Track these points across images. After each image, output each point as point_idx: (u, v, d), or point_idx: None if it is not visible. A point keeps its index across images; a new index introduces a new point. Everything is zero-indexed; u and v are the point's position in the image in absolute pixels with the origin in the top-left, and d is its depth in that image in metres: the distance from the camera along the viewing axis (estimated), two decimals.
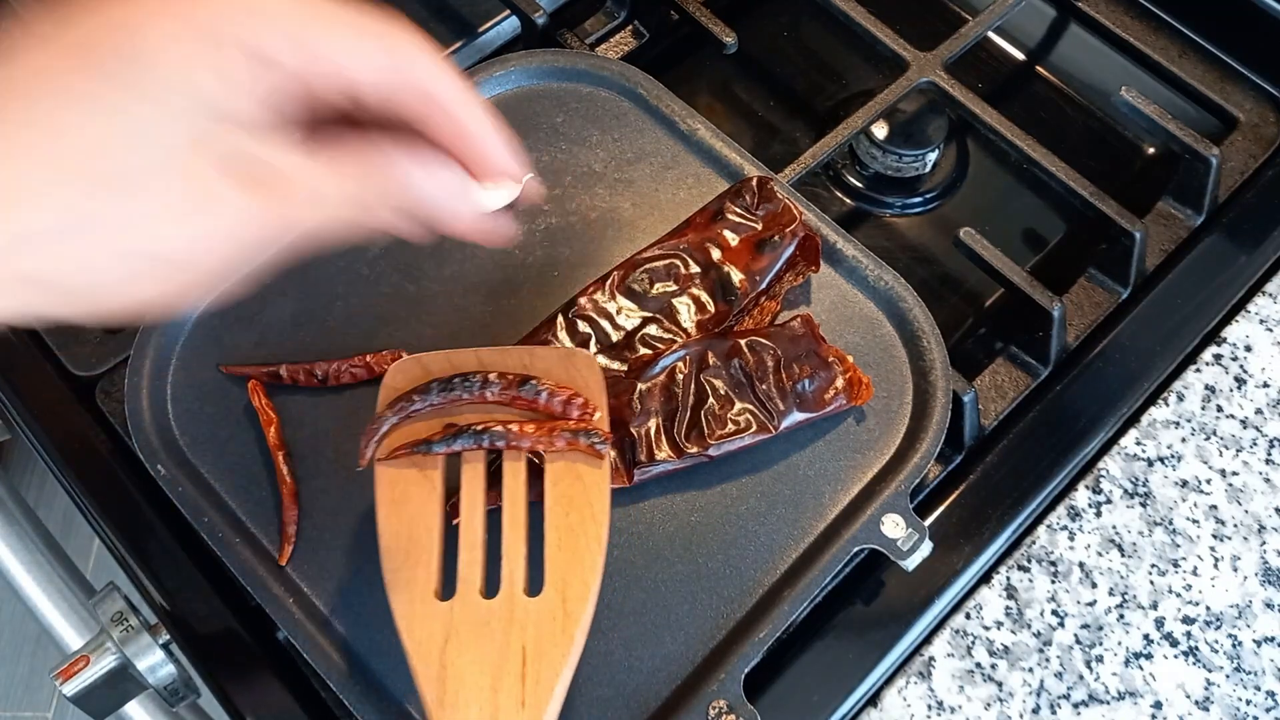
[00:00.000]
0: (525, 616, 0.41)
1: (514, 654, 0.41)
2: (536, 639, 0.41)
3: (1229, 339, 0.58)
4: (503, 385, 0.46)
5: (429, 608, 0.42)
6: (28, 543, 0.59)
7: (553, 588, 0.42)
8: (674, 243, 0.54)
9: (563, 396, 0.46)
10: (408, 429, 0.46)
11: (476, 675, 0.40)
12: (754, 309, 0.53)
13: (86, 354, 0.57)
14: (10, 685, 1.38)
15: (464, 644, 0.41)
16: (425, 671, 0.40)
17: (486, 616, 0.41)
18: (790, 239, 0.53)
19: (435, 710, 0.40)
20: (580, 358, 0.47)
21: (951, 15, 0.72)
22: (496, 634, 0.41)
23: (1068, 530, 0.53)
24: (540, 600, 0.42)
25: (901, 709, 0.49)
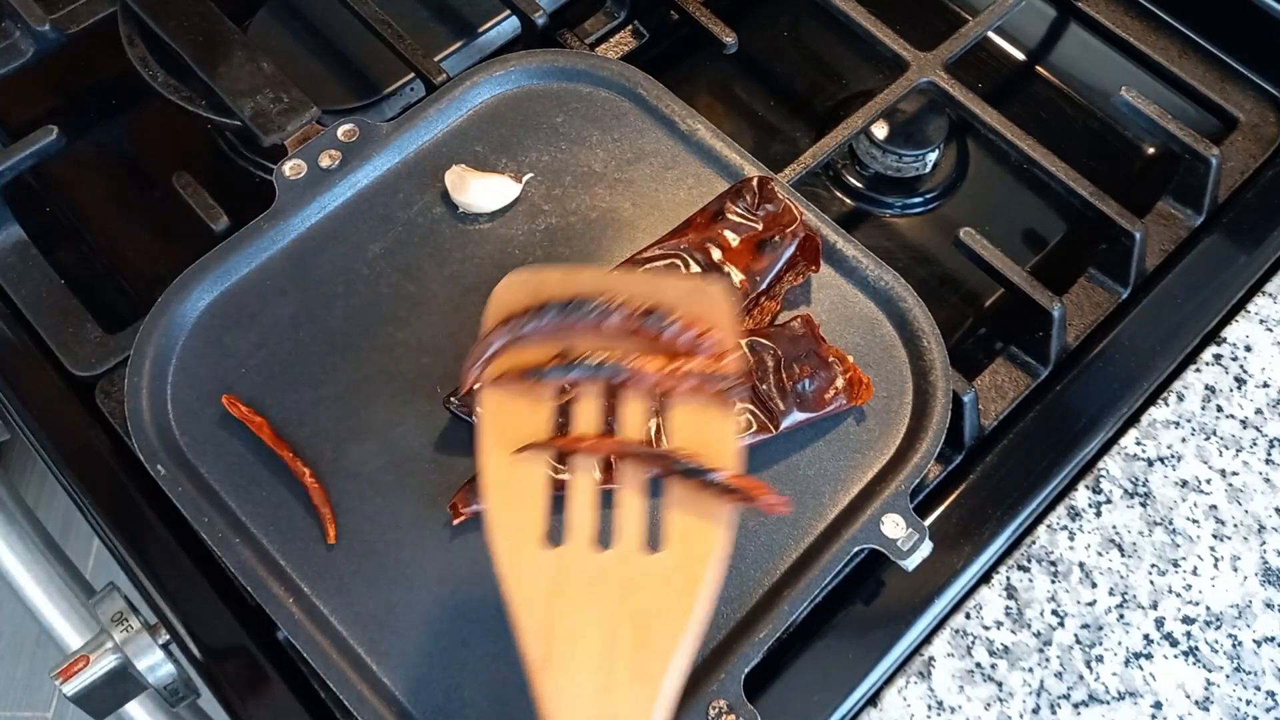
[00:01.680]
0: (643, 576, 0.37)
1: (629, 617, 0.36)
2: (655, 602, 0.36)
3: (1229, 339, 0.58)
4: (627, 313, 0.40)
5: (536, 554, 0.37)
6: (28, 543, 0.59)
7: (674, 546, 0.37)
8: (674, 243, 0.54)
9: (694, 332, 0.40)
10: (516, 354, 0.41)
11: (587, 638, 0.36)
12: (754, 309, 0.53)
13: (86, 354, 0.57)
14: (10, 685, 1.38)
15: (573, 600, 0.36)
16: (529, 626, 0.36)
17: (599, 572, 0.37)
18: (790, 239, 0.53)
19: (539, 671, 0.35)
20: (711, 291, 0.42)
21: (951, 15, 0.72)
22: (610, 593, 0.36)
23: (1068, 530, 0.53)
24: (660, 559, 0.37)
25: (901, 709, 0.49)
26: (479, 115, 0.60)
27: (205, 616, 0.51)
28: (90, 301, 0.59)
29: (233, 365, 0.53)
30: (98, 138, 0.68)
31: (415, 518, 0.49)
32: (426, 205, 0.57)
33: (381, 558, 0.49)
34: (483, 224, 0.57)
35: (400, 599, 0.48)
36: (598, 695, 0.35)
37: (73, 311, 0.58)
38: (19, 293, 0.59)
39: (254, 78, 0.59)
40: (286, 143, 0.58)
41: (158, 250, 0.63)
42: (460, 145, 0.59)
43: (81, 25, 0.66)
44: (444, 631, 0.47)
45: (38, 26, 0.65)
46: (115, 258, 0.63)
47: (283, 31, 0.68)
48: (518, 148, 0.59)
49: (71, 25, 0.66)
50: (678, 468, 0.38)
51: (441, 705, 0.46)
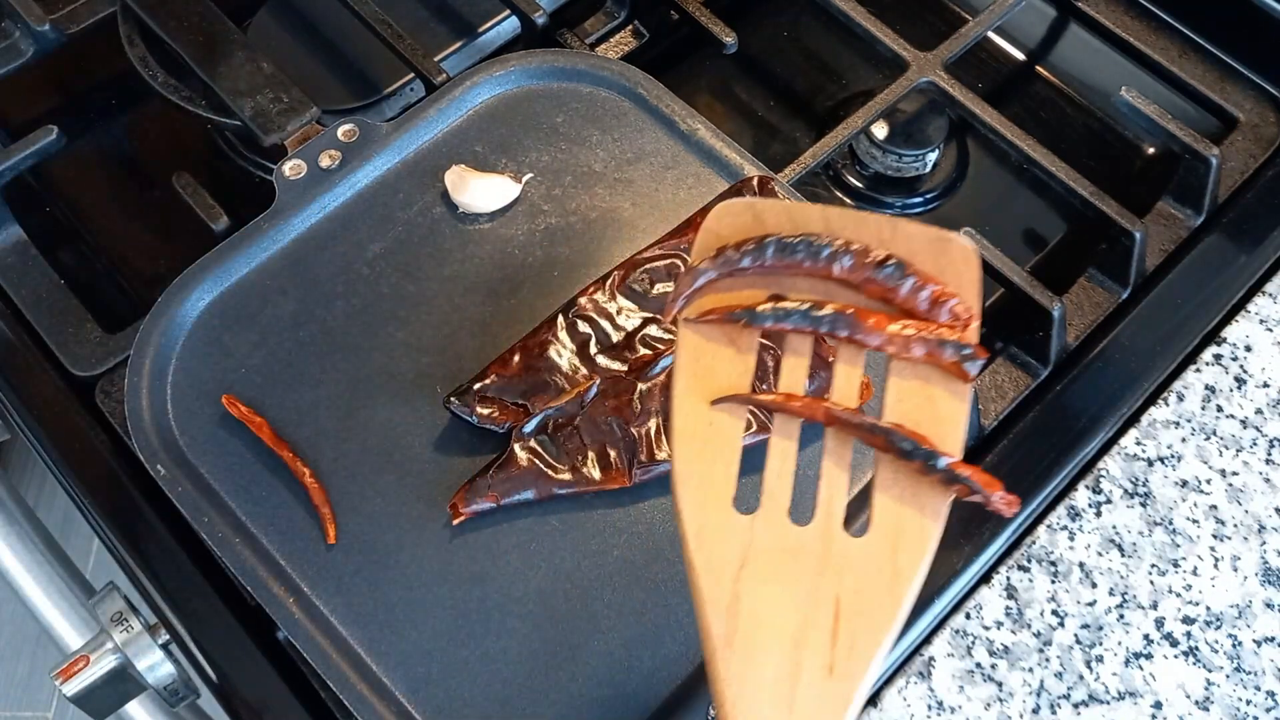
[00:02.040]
0: (844, 559, 0.33)
1: (825, 603, 0.32)
2: (856, 591, 0.33)
3: (1229, 339, 0.58)
4: (859, 261, 0.35)
5: (727, 517, 0.34)
6: (28, 543, 0.59)
7: (882, 532, 0.34)
8: (675, 242, 0.54)
9: (932, 291, 0.35)
10: (725, 291, 0.36)
11: (777, 618, 0.32)
12: None
13: (86, 354, 0.57)
14: (10, 685, 1.38)
15: (764, 574, 0.33)
16: (714, 597, 0.33)
17: (795, 547, 0.33)
18: None
19: (721, 649, 0.32)
20: (957, 246, 0.36)
21: (951, 15, 0.72)
22: (806, 572, 0.33)
23: (1068, 530, 0.53)
24: (865, 543, 0.33)
25: (901, 709, 0.49)
26: (479, 115, 0.60)
27: (205, 616, 0.51)
28: (90, 301, 0.59)
29: (233, 365, 0.53)
30: (98, 138, 0.68)
31: (415, 518, 0.49)
32: (426, 205, 0.57)
33: (381, 558, 0.49)
34: (483, 224, 0.57)
35: (400, 599, 0.48)
36: (783, 684, 0.32)
37: (73, 311, 0.58)
38: (19, 293, 0.59)
39: (254, 78, 0.59)
40: (286, 143, 0.58)
41: (158, 250, 0.63)
42: (460, 145, 0.59)
43: (81, 25, 0.66)
44: (444, 631, 0.47)
45: (38, 26, 0.65)
46: (115, 258, 0.63)
47: (283, 31, 0.68)
48: (518, 148, 0.59)
49: (71, 25, 0.66)
50: (899, 445, 0.34)
51: (442, 705, 0.46)
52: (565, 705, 0.46)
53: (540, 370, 0.51)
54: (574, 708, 0.46)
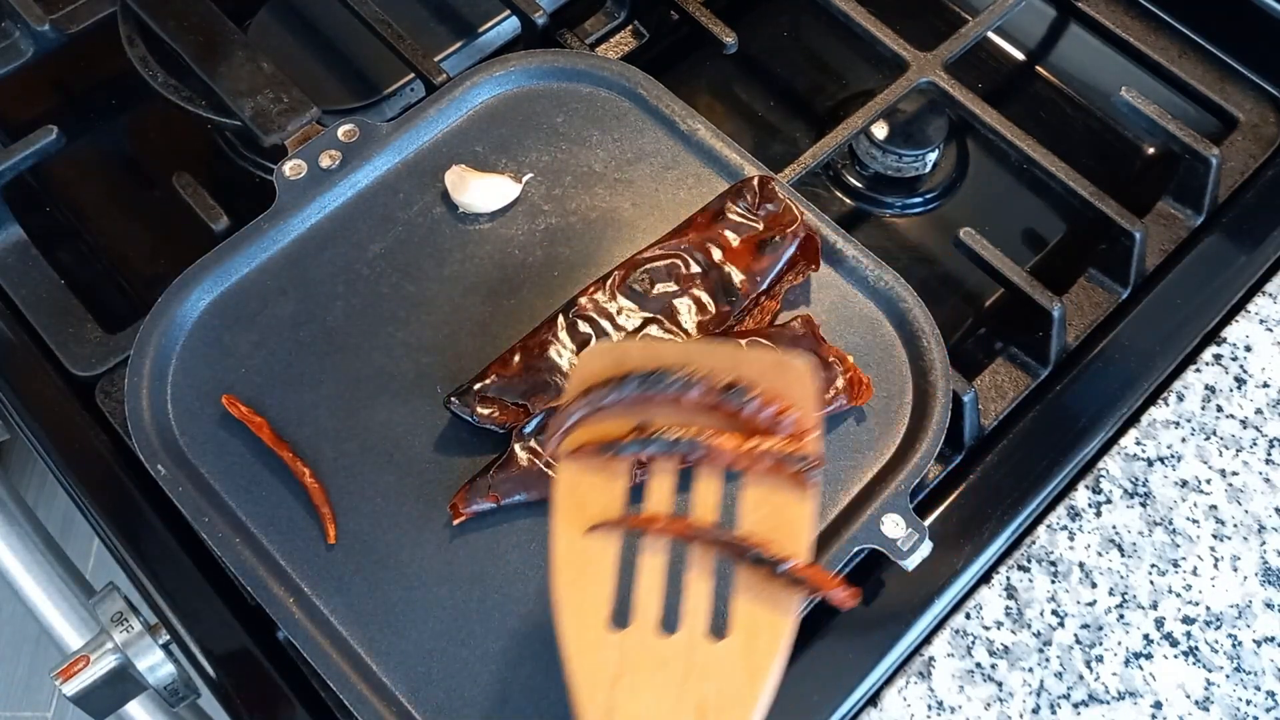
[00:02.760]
0: (706, 664, 0.37)
1: (690, 707, 0.36)
2: (718, 693, 0.36)
3: (1229, 339, 0.58)
4: (707, 387, 0.40)
5: (601, 635, 0.37)
6: (28, 543, 0.59)
7: (739, 634, 0.37)
8: (675, 243, 0.54)
9: (773, 410, 0.40)
10: (594, 425, 0.41)
11: None
12: (754, 309, 0.53)
13: (86, 354, 0.57)
14: (10, 685, 1.38)
15: (637, 685, 0.36)
16: (591, 709, 0.36)
17: (663, 657, 0.37)
18: (791, 239, 0.53)
19: None
20: (796, 367, 0.41)
21: (951, 15, 0.72)
22: (673, 680, 0.36)
23: (1068, 530, 0.53)
24: (724, 647, 0.37)
25: (901, 709, 0.49)
26: (479, 115, 0.60)
27: (205, 616, 0.51)
28: (90, 301, 0.59)
29: (233, 365, 0.53)
30: (98, 138, 0.68)
31: (415, 518, 0.49)
32: (426, 205, 0.57)
33: (381, 558, 0.49)
34: (483, 224, 0.57)
35: (400, 599, 0.48)
36: None
37: (73, 311, 0.58)
38: (19, 293, 0.59)
39: (254, 78, 0.59)
40: (287, 143, 0.58)
41: (158, 250, 0.63)
42: (460, 145, 0.59)
43: (81, 25, 0.66)
44: (444, 631, 0.47)
45: (38, 26, 0.65)
46: (115, 258, 0.63)
47: (283, 31, 0.68)
48: (518, 148, 0.59)
49: (71, 25, 0.66)
50: (748, 556, 0.38)
51: (442, 705, 0.46)
52: (565, 705, 0.45)
53: (540, 370, 0.50)
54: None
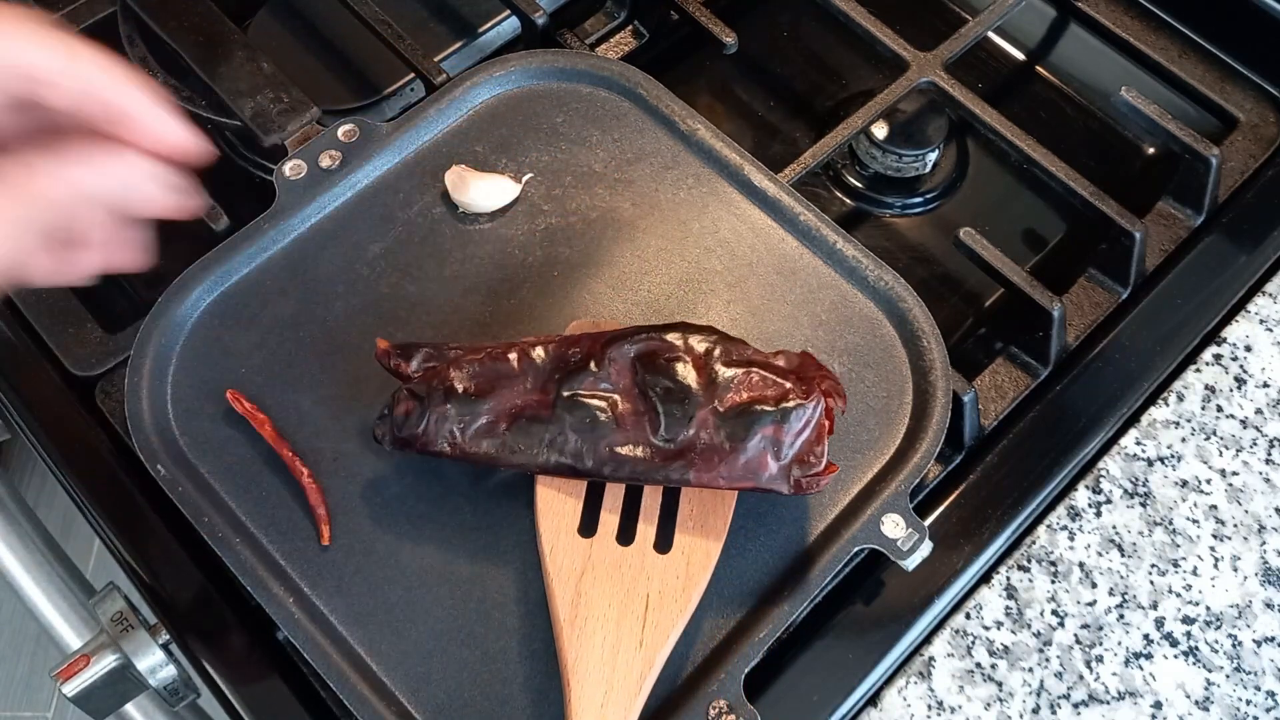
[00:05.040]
0: (653, 569, 0.46)
1: (638, 599, 0.46)
2: (660, 591, 0.46)
3: (1229, 339, 0.58)
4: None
5: (572, 540, 0.47)
6: (28, 543, 0.59)
7: (680, 551, 0.47)
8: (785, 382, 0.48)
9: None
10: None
11: (604, 608, 0.45)
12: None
13: (86, 354, 0.57)
14: (10, 685, 1.38)
15: (597, 579, 0.46)
16: (561, 594, 0.46)
17: (619, 560, 0.47)
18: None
19: (566, 627, 0.45)
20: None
21: (951, 15, 0.72)
22: (626, 578, 0.46)
23: (1068, 530, 0.53)
24: (668, 559, 0.47)
25: (901, 709, 0.49)
26: (479, 115, 0.60)
27: (205, 616, 0.51)
28: (90, 301, 0.59)
29: (233, 365, 0.53)
30: None
31: (415, 518, 0.49)
32: (426, 205, 0.57)
33: (381, 558, 0.49)
34: (483, 224, 0.57)
35: (400, 599, 0.48)
36: (608, 652, 0.45)
37: (73, 311, 0.58)
38: (19, 293, 0.59)
39: (254, 78, 0.59)
40: (287, 143, 0.58)
41: (158, 250, 0.63)
42: (460, 145, 0.59)
43: (81, 25, 0.66)
44: (444, 631, 0.47)
45: None
46: None
47: (283, 31, 0.68)
48: (518, 148, 0.59)
49: (71, 25, 0.66)
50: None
51: (442, 705, 0.46)
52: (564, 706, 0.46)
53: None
54: None
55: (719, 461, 0.46)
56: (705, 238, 0.57)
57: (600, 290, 0.55)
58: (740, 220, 0.57)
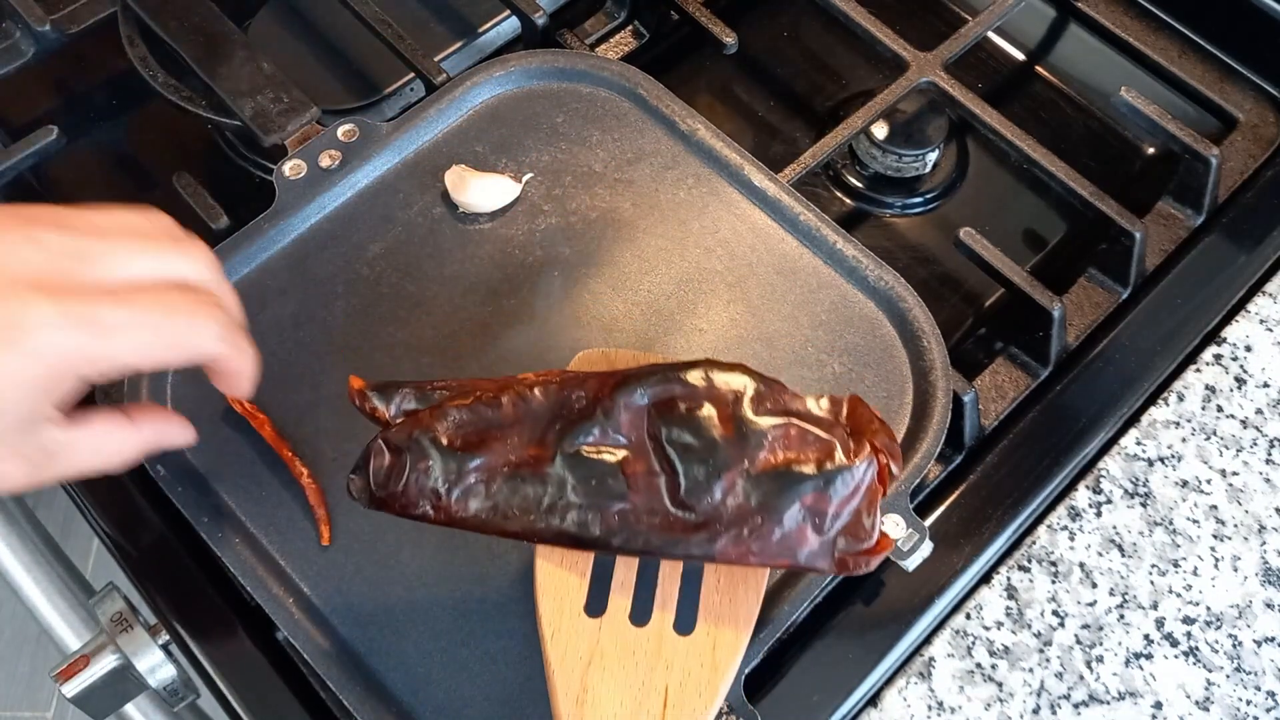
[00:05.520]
0: (672, 656, 0.39)
1: (656, 693, 0.39)
2: (681, 683, 0.39)
3: (1229, 339, 0.58)
4: None
5: (578, 622, 0.40)
6: (28, 543, 0.59)
7: (705, 631, 0.40)
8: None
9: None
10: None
11: (615, 706, 0.39)
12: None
13: None
14: (10, 685, 1.38)
15: (607, 669, 0.39)
16: (566, 689, 0.39)
17: (633, 645, 0.40)
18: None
19: None
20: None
21: (951, 15, 0.72)
22: (641, 667, 0.39)
23: (1068, 530, 0.53)
24: (690, 641, 0.40)
25: (901, 709, 0.49)
26: (479, 115, 0.60)
27: (205, 616, 0.51)
28: None
29: None
30: (98, 138, 0.68)
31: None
32: (426, 205, 0.57)
33: (382, 558, 0.49)
34: (483, 224, 0.57)
35: (400, 599, 0.48)
36: None
37: None
38: None
39: (254, 78, 0.59)
40: (287, 143, 0.58)
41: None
42: (460, 145, 0.59)
43: (82, 25, 0.66)
44: (444, 631, 0.47)
45: (38, 27, 0.65)
46: None
47: (283, 31, 0.68)
48: (518, 148, 0.59)
49: (72, 25, 0.66)
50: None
51: (442, 704, 0.46)
52: None
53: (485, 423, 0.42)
54: None
55: (749, 535, 0.39)
56: (705, 238, 0.57)
57: (600, 290, 0.55)
58: (740, 220, 0.57)
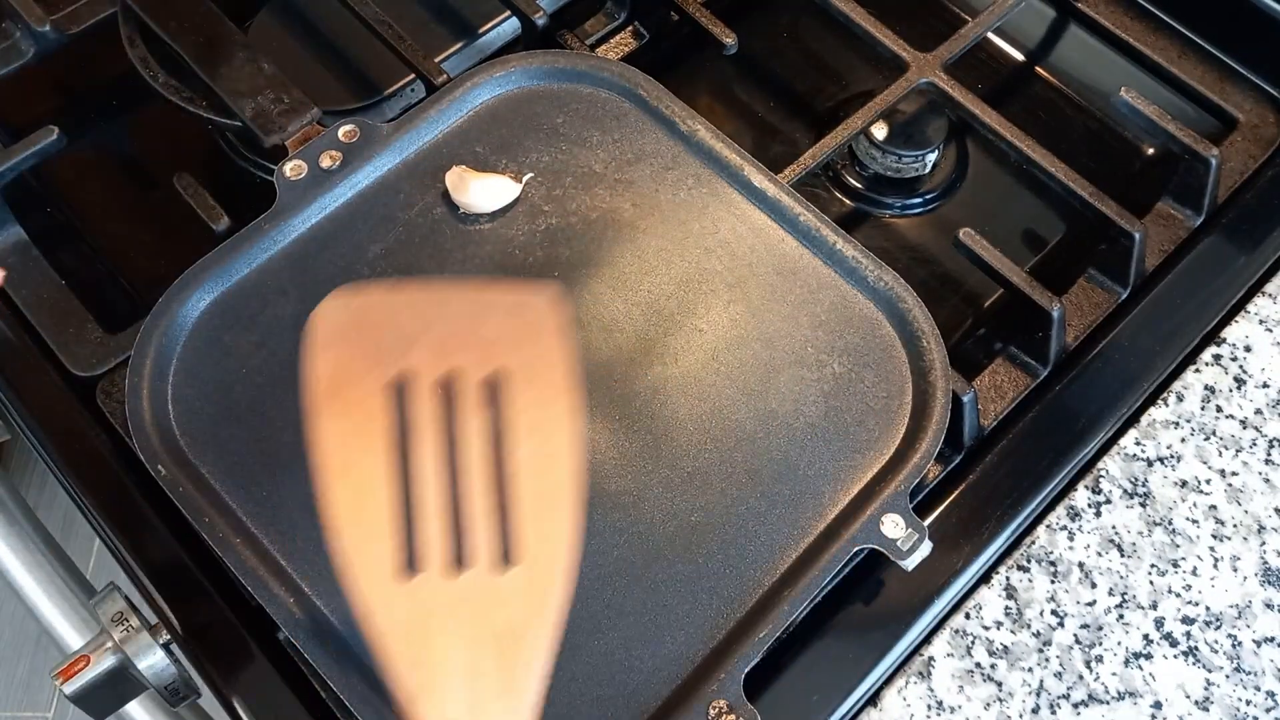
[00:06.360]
0: (500, 593, 0.38)
1: (490, 636, 0.37)
2: (514, 617, 0.37)
3: (1229, 339, 0.59)
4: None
5: (393, 590, 0.38)
6: (28, 543, 0.59)
7: (528, 561, 0.38)
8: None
9: None
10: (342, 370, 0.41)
11: (454, 660, 0.37)
12: None
13: (86, 354, 0.57)
14: (10, 685, 1.38)
15: (437, 627, 0.37)
16: (400, 657, 0.37)
17: (458, 595, 0.38)
18: None
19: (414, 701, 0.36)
20: (541, 301, 0.43)
21: (951, 15, 0.72)
22: (471, 614, 0.37)
23: (1067, 530, 0.53)
24: (514, 575, 0.38)
25: (901, 709, 0.49)
26: (479, 116, 0.60)
27: (205, 617, 0.51)
28: (91, 302, 0.59)
29: (233, 366, 0.53)
30: (98, 138, 0.68)
31: None
32: (427, 206, 0.57)
33: None
34: (483, 224, 0.57)
35: None
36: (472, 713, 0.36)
37: (73, 312, 0.58)
38: (19, 293, 0.59)
39: (254, 78, 0.59)
40: (287, 143, 0.58)
41: (158, 250, 0.64)
42: (460, 146, 0.59)
43: (82, 26, 0.66)
44: None
45: (38, 27, 0.65)
46: (116, 258, 0.63)
47: (283, 32, 0.68)
48: (518, 148, 0.59)
49: (72, 26, 0.66)
50: None
51: None
52: (565, 705, 0.46)
53: None
54: (574, 707, 0.46)
55: None
56: (705, 238, 0.57)
57: (600, 290, 0.55)
58: (740, 221, 0.57)
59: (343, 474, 0.39)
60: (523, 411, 0.40)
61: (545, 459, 0.40)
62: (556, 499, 0.39)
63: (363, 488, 0.39)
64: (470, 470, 0.40)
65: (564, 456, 0.40)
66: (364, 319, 0.42)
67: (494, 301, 0.43)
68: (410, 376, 0.41)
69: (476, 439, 0.40)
